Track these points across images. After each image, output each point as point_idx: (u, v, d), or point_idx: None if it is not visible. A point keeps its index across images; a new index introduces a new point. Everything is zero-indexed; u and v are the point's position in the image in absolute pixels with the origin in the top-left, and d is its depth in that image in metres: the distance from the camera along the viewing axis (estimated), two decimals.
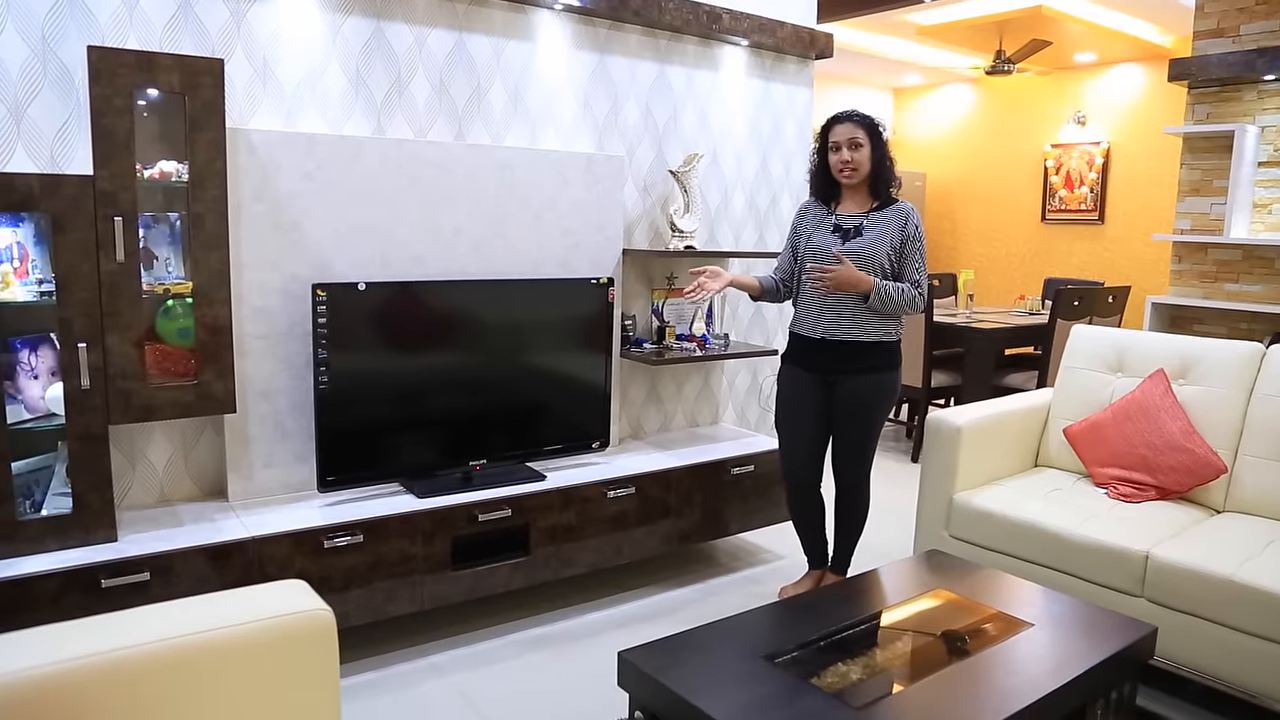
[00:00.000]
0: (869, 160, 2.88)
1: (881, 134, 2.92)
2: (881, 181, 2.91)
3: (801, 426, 3.05)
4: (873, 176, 2.91)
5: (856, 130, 2.87)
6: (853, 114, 2.91)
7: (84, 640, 1.33)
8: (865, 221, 2.91)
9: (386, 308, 2.81)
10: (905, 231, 2.88)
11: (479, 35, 3.14)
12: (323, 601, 1.50)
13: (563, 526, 3.03)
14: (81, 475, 2.34)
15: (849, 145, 2.87)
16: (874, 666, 1.95)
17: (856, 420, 2.98)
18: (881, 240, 2.87)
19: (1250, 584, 2.37)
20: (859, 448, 3.02)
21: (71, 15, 2.46)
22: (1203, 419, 3.01)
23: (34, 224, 2.39)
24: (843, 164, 2.87)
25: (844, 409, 2.98)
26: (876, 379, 2.94)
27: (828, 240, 2.93)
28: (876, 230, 2.89)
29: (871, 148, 2.88)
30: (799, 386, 3.03)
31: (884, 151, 2.91)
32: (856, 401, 2.96)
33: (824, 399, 3.01)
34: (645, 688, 1.87)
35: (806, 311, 3.00)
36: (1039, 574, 2.82)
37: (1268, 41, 4.60)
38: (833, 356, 2.94)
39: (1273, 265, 4.71)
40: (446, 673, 2.71)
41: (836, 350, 2.93)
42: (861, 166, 2.87)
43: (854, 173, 2.88)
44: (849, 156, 2.86)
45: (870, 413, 2.98)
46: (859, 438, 3.01)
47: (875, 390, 2.95)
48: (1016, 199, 8.12)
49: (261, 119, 2.77)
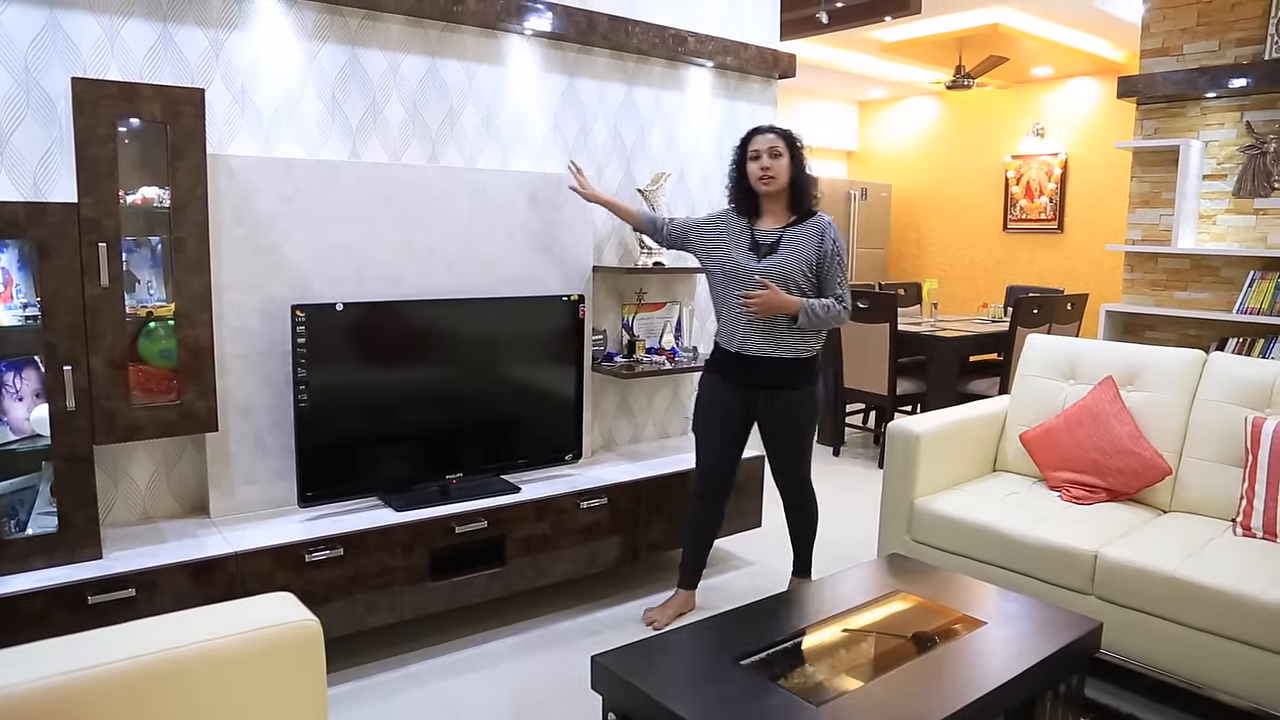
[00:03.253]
0: (788, 170, 2.98)
1: (799, 147, 3.02)
2: (799, 193, 3.01)
3: (714, 436, 3.14)
4: (791, 187, 3.00)
5: (776, 140, 2.98)
6: (773, 126, 3.04)
7: (79, 654, 1.38)
8: (782, 237, 2.99)
9: (364, 327, 2.89)
10: (823, 248, 2.95)
11: (451, 60, 3.23)
12: (310, 612, 1.58)
13: (537, 537, 3.12)
14: (67, 494, 2.39)
15: (769, 153, 2.97)
16: (836, 665, 2.05)
17: (786, 438, 3.09)
18: (797, 256, 2.95)
19: (1190, 580, 2.50)
20: (794, 462, 3.14)
21: (54, 45, 2.52)
22: (1149, 423, 3.16)
23: (18, 249, 2.45)
24: (762, 170, 2.96)
25: (771, 429, 3.09)
26: (796, 396, 3.03)
27: (744, 257, 2.99)
28: (792, 246, 2.96)
29: (790, 158, 2.98)
30: (718, 396, 3.12)
31: (802, 164, 3.01)
32: (781, 420, 3.06)
33: (742, 412, 3.09)
34: (618, 690, 1.97)
35: (726, 325, 3.07)
36: (996, 575, 2.94)
37: (1208, 61, 4.80)
38: (751, 372, 3.02)
39: (1218, 274, 4.90)
40: (426, 681, 2.78)
41: (754, 366, 3.01)
42: (780, 175, 2.97)
43: (773, 180, 2.96)
44: (768, 164, 2.96)
45: (797, 429, 3.08)
46: (791, 453, 3.12)
47: (797, 407, 3.04)
48: (979, 209, 8.32)
49: (240, 144, 2.84)
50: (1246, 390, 3.00)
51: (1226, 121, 4.82)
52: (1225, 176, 4.85)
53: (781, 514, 3.27)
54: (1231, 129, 4.80)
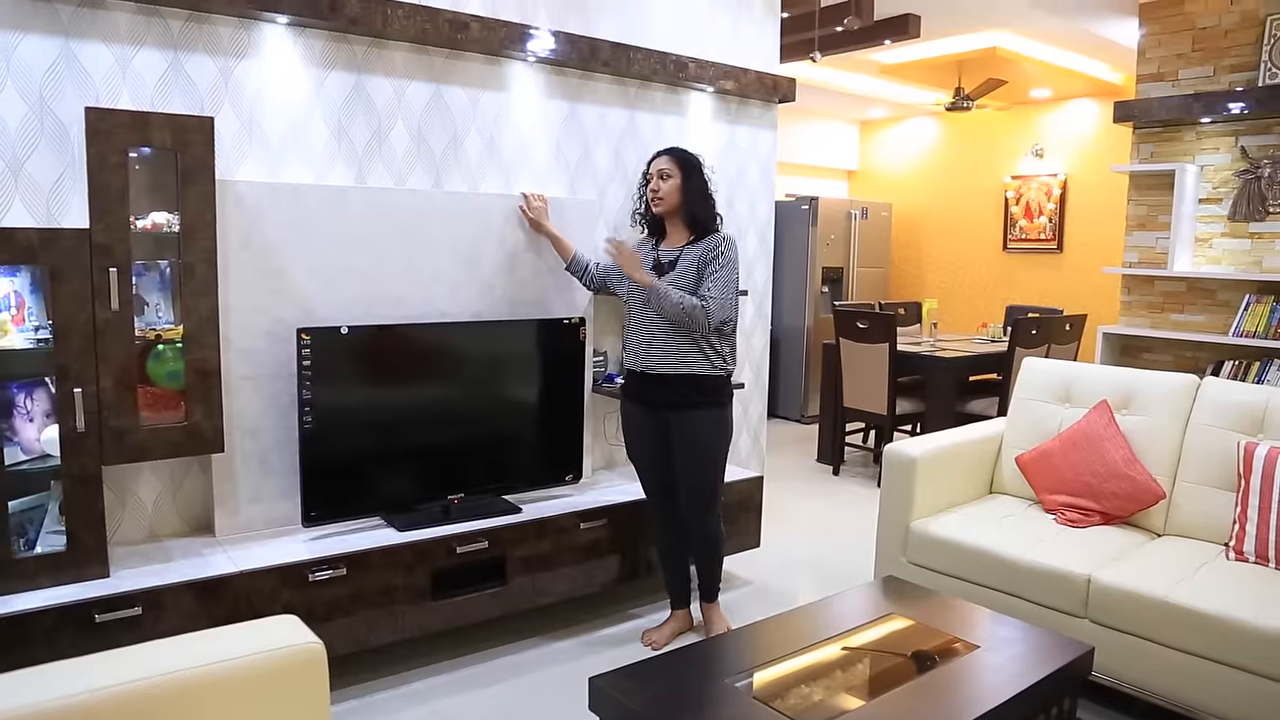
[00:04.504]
0: (677, 191, 3.04)
1: (695, 168, 3.07)
2: (692, 214, 3.06)
3: (643, 459, 3.18)
4: (683, 208, 3.06)
5: (669, 163, 3.05)
6: (671, 149, 3.11)
7: (86, 676, 1.42)
8: (680, 255, 3.06)
9: (368, 349, 2.94)
10: (704, 256, 3.00)
11: (455, 87, 3.29)
12: (314, 635, 1.61)
13: (538, 557, 3.15)
14: (76, 514, 2.44)
15: (659, 176, 3.06)
16: (830, 688, 2.09)
17: (692, 460, 3.06)
18: (688, 272, 3.01)
19: (1182, 604, 2.53)
20: (698, 489, 3.09)
21: (68, 74, 2.58)
22: (1143, 447, 3.19)
23: (30, 273, 2.50)
24: (652, 193, 3.07)
25: (678, 450, 3.07)
26: (702, 416, 3.03)
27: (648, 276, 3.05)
28: (685, 263, 3.03)
29: (682, 179, 3.04)
30: (634, 421, 3.17)
31: (696, 185, 3.06)
32: (688, 441, 3.05)
33: (661, 432, 3.10)
34: (615, 711, 2.00)
35: (631, 344, 3.12)
36: (991, 597, 2.97)
37: (1203, 86, 4.86)
38: (657, 390, 3.05)
39: (1214, 296, 4.94)
40: (427, 699, 2.81)
41: (657, 384, 3.04)
42: (669, 196, 3.04)
43: (661, 201, 3.05)
44: (656, 186, 3.05)
45: (704, 451, 3.05)
46: (696, 479, 3.07)
47: (701, 429, 3.03)
48: (979, 228, 8.37)
49: (249, 170, 2.90)
50: (1239, 415, 3.03)
51: (1221, 146, 4.87)
52: (1220, 200, 4.90)
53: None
54: (1226, 154, 4.86)
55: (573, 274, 3.39)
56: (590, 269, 3.36)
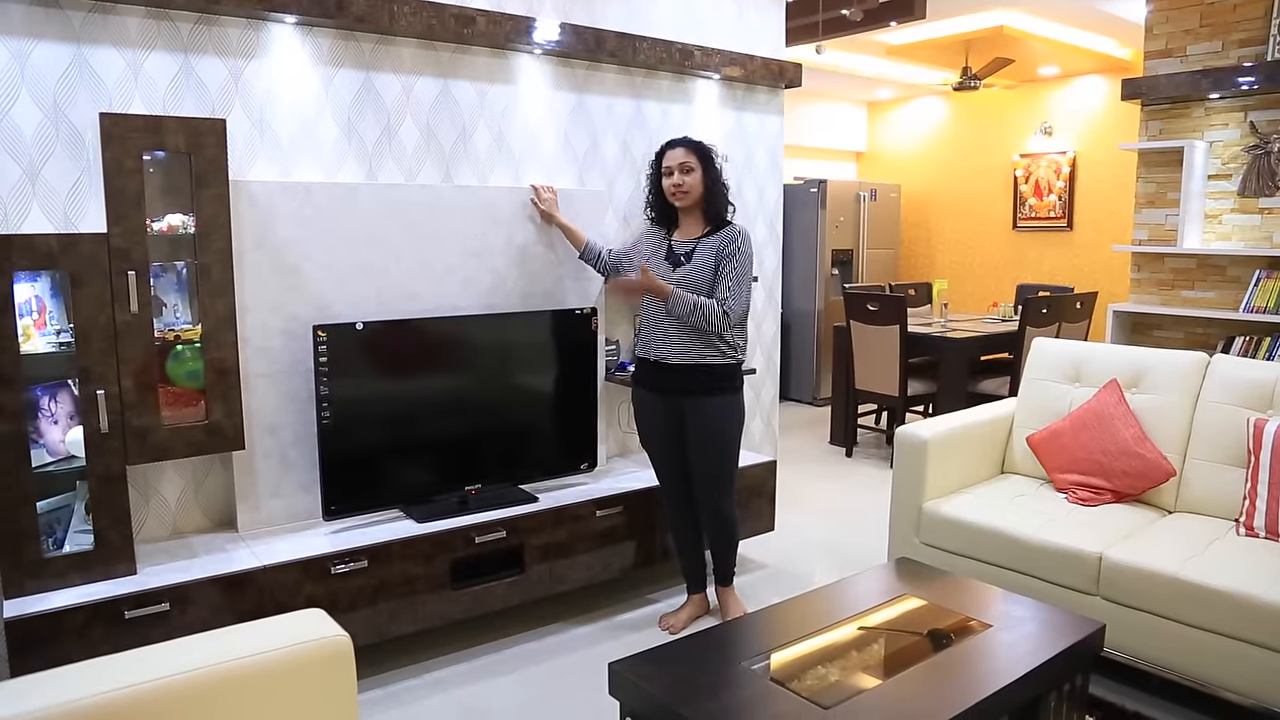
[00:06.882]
0: (700, 184, 3.05)
1: (713, 159, 3.09)
2: (713, 206, 3.07)
3: (656, 446, 3.21)
4: (705, 200, 3.07)
5: (688, 155, 3.05)
6: (685, 140, 3.10)
7: (118, 673, 1.45)
8: (696, 247, 3.07)
9: (383, 344, 2.98)
10: (721, 252, 3.01)
11: (463, 81, 3.32)
12: (340, 628, 1.66)
13: (555, 545, 3.20)
14: (102, 513, 2.49)
15: (680, 169, 3.05)
16: (845, 669, 2.12)
17: (706, 446, 3.09)
18: (706, 266, 3.02)
19: (1193, 581, 2.56)
20: (712, 475, 3.13)
21: (81, 79, 2.61)
22: (1153, 425, 3.21)
23: (50, 278, 2.55)
24: (674, 187, 3.06)
25: (693, 436, 3.10)
26: (716, 402, 3.06)
27: (662, 268, 3.08)
28: (702, 256, 3.03)
29: (703, 172, 3.05)
30: (647, 407, 3.20)
31: (715, 176, 3.07)
32: (702, 427, 3.08)
33: (675, 418, 3.12)
34: (634, 696, 2.04)
35: (644, 334, 3.15)
36: (1004, 576, 3.00)
37: (1212, 62, 4.83)
38: (668, 379, 3.08)
39: (1224, 273, 4.93)
40: (449, 688, 2.87)
41: (668, 374, 3.07)
42: (693, 190, 3.05)
43: (685, 195, 3.05)
44: (680, 180, 3.04)
45: (718, 437, 3.09)
46: (710, 465, 3.11)
47: (715, 415, 3.06)
48: (988, 208, 8.35)
49: (260, 170, 2.93)
50: (1248, 392, 3.04)
51: (1230, 122, 4.84)
52: (1230, 176, 4.88)
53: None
54: (1235, 129, 4.83)
55: (586, 262, 3.42)
56: (603, 256, 3.39)
